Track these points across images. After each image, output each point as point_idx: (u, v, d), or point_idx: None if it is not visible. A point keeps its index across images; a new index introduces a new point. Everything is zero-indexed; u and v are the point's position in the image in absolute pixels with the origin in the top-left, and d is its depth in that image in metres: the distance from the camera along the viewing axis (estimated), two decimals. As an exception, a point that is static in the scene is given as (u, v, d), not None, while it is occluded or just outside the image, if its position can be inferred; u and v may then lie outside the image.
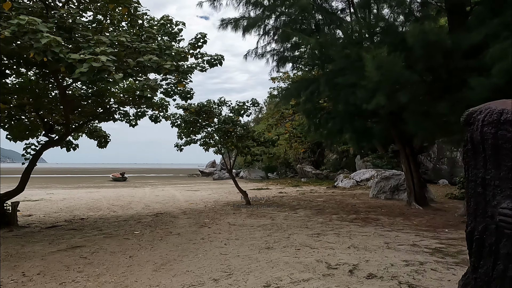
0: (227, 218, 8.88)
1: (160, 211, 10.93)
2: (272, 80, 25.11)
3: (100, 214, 10.77)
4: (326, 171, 29.56)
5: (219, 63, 6.68)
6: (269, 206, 11.77)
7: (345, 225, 7.75)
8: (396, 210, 10.41)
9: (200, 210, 10.90)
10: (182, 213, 10.24)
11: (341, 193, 16.08)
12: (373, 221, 8.49)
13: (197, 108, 10.81)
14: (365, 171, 21.65)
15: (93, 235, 6.79)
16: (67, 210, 11.79)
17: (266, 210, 10.53)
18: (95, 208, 12.27)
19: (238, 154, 12.23)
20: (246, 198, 12.09)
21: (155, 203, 13.62)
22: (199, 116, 11.05)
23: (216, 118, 11.59)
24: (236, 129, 11.41)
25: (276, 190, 19.15)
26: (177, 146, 12.50)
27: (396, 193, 13.55)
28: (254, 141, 11.83)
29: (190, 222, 8.18)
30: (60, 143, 8.63)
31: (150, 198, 16.06)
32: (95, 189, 23.52)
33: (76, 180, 41.01)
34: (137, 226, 7.80)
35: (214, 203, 13.05)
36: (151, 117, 10.42)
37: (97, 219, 9.31)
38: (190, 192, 19.30)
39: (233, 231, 7.00)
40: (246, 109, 11.49)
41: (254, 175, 34.04)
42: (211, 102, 11.19)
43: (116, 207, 12.44)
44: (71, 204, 13.74)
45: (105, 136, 10.76)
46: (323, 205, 11.82)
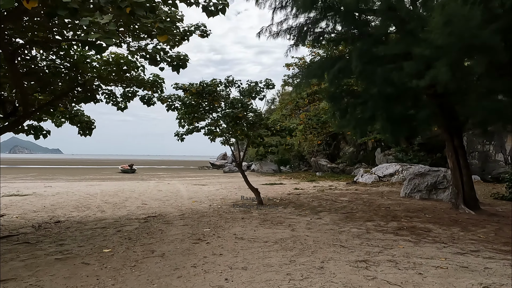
0: (233, 226, 6.79)
1: (154, 212, 8.92)
2: (287, 66, 22.82)
3: (83, 215, 8.82)
4: (342, 165, 27.29)
5: (222, 10, 4.60)
6: (285, 207, 9.67)
7: (391, 241, 5.58)
8: (443, 216, 8.19)
9: (203, 211, 8.85)
10: (179, 216, 8.20)
11: (365, 191, 13.86)
12: (424, 233, 6.30)
13: (199, 89, 8.70)
14: (388, 165, 19.32)
15: (44, 255, 4.79)
16: (50, 209, 9.90)
17: (282, 213, 8.43)
18: (83, 207, 10.36)
19: (249, 145, 10.13)
20: (258, 197, 9.99)
21: (154, 201, 11.64)
22: (202, 99, 8.95)
23: (222, 102, 9.48)
24: (247, 114, 9.30)
25: (290, 186, 17.02)
26: (177, 135, 10.45)
27: (434, 193, 11.28)
28: (268, 129, 9.71)
29: (184, 233, 6.10)
30: (13, 128, 6.59)
31: (151, 193, 14.11)
32: (98, 182, 21.77)
33: (85, 171, 39.55)
34: (113, 238, 5.75)
35: (220, 202, 11.01)
36: (142, 98, 8.37)
37: (73, 224, 7.34)
38: (196, 187, 17.29)
39: (240, 250, 4.90)
40: (259, 90, 9.34)
41: (266, 168, 31.96)
42: (217, 82, 9.07)
43: (107, 206, 10.49)
44: (60, 200, 11.88)
45: (88, 122, 8.76)
46: (349, 206, 9.64)
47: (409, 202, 10.47)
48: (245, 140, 10.04)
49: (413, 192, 11.65)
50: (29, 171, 37.88)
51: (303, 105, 24.69)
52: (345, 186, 16.72)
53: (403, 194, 11.92)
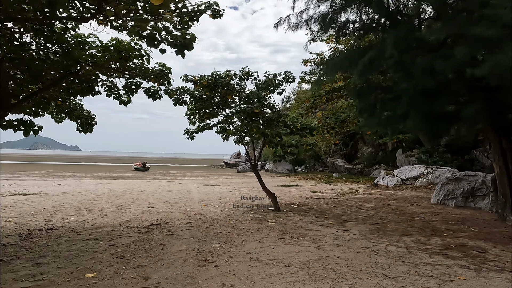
0: (247, 240, 5.70)
1: (160, 218, 7.92)
2: (304, 63, 21.63)
3: (82, 220, 7.88)
4: (360, 166, 25.96)
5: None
6: (305, 214, 8.54)
7: (445, 267, 4.40)
8: (491, 230, 6.93)
9: (213, 219, 7.79)
10: (186, 224, 7.16)
11: (390, 195, 12.60)
12: (480, 254, 5.10)
13: (211, 81, 7.64)
14: (411, 167, 17.94)
15: (12, 279, 3.79)
16: (49, 212, 9.03)
17: (303, 223, 7.31)
18: (85, 209, 9.45)
19: (265, 144, 9.03)
20: (276, 203, 8.89)
21: (162, 203, 10.66)
22: (214, 92, 7.89)
23: (236, 97, 8.40)
24: (264, 110, 8.20)
25: (307, 188, 15.86)
26: (187, 133, 9.43)
27: (471, 200, 9.97)
28: (287, 127, 8.60)
29: (189, 250, 5.05)
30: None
31: (160, 194, 13.16)
32: (109, 180, 21.03)
33: (99, 169, 39.14)
34: (103, 256, 4.73)
35: (233, 206, 9.95)
36: (147, 91, 7.37)
37: (66, 232, 6.38)
38: (208, 187, 16.29)
39: (256, 279, 3.79)
40: (277, 83, 8.22)
41: (280, 168, 30.82)
42: (231, 74, 7.98)
43: (111, 209, 9.55)
44: (64, 201, 11.03)
45: (88, 117, 7.81)
46: (378, 215, 8.45)
47: (445, 211, 9.21)
48: (261, 139, 8.94)
49: (446, 199, 10.35)
50: (44, 168, 37.66)
51: (320, 103, 23.44)
52: (366, 189, 15.47)
53: (435, 201, 10.63)
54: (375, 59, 7.60)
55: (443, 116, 7.91)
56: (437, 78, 6.71)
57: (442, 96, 7.75)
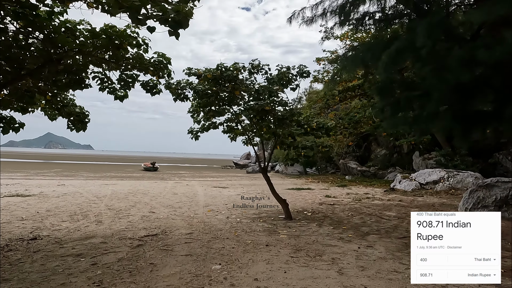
0: (254, 259, 4.77)
1: (158, 227, 7.06)
2: (318, 61, 20.65)
3: (73, 227, 7.07)
4: (373, 169, 24.80)
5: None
6: (320, 223, 7.59)
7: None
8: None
9: (217, 229, 6.89)
10: (186, 235, 6.27)
11: (411, 202, 11.53)
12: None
13: (216, 74, 6.74)
14: (431, 171, 16.79)
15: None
16: (42, 216, 8.27)
17: (318, 236, 6.35)
18: (80, 214, 8.66)
19: (276, 145, 8.10)
20: (287, 211, 7.96)
21: (164, 208, 9.82)
22: (220, 87, 6.98)
23: (245, 93, 7.48)
24: (275, 107, 7.28)
25: (320, 192, 14.86)
26: (191, 133, 8.55)
27: (505, 209, 8.86)
28: (300, 127, 7.66)
29: (183, 273, 4.13)
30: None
31: (164, 197, 12.34)
32: (115, 181, 20.35)
33: (108, 168, 38.68)
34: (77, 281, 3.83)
35: (241, 212, 9.05)
36: (145, 85, 6.52)
37: (48, 244, 5.55)
38: (216, 190, 15.42)
39: (265, 322, 2.90)
40: (290, 78, 7.28)
41: (291, 170, 29.81)
42: (239, 66, 7.07)
43: (108, 214, 8.74)
44: (61, 204, 10.28)
45: (80, 113, 6.98)
46: (403, 227, 7.44)
47: (476, 222, 8.13)
48: (271, 139, 8.01)
49: (476, 207, 9.27)
50: (54, 167, 37.36)
51: (333, 103, 22.42)
52: (383, 194, 14.41)
53: (463, 209, 9.55)
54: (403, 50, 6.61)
55: (479, 115, 6.88)
56: (475, 71, 5.73)
57: (479, 93, 6.74)
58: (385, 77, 8.08)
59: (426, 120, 7.62)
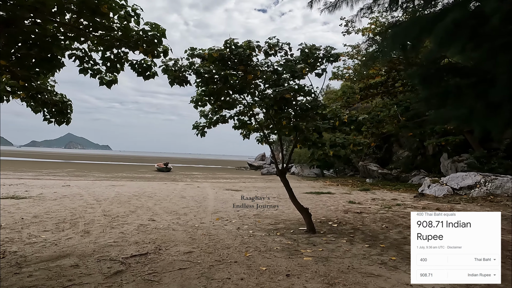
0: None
1: (153, 241, 5.68)
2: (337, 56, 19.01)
3: (53, 239, 5.77)
4: (396, 171, 23.00)
5: None
6: (351, 239, 6.08)
7: None
8: None
9: (224, 245, 5.48)
10: (184, 256, 4.88)
11: (450, 210, 9.87)
12: None
13: (224, 53, 5.33)
14: (465, 175, 14.97)
15: None
16: (25, 224, 7.03)
17: (352, 257, 4.87)
18: (70, 221, 7.39)
19: (297, 144, 6.61)
20: (310, 222, 6.47)
21: (167, 215, 8.48)
22: (229, 70, 5.56)
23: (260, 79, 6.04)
24: (297, 96, 5.82)
25: (342, 197, 13.28)
26: (196, 128, 7.18)
27: None
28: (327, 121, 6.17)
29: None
30: None
31: (170, 202, 11.00)
32: (124, 182, 19.20)
33: (122, 168, 37.83)
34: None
35: (253, 222, 7.62)
36: (134, 66, 5.17)
37: (6, 266, 4.25)
38: (228, 193, 14.01)
39: None
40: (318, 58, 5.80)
41: (307, 172, 28.23)
42: (253, 45, 5.63)
43: (102, 221, 7.44)
44: (54, 208, 9.06)
45: (59, 103, 5.67)
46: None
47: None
48: (292, 135, 6.52)
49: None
50: (69, 166, 36.73)
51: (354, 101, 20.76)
52: (414, 200, 12.75)
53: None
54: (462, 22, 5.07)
55: None
56: None
57: None
58: (431, 61, 6.50)
59: (489, 113, 5.99)
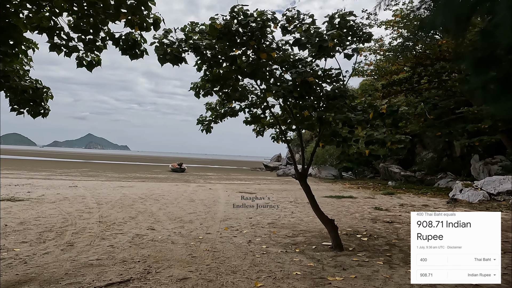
0: None
1: (143, 260, 4.56)
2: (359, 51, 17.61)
3: (27, 254, 4.73)
4: (420, 174, 21.36)
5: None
6: (388, 259, 4.81)
7: None
8: None
9: (229, 267, 4.30)
10: (177, 282, 3.74)
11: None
12: None
13: (230, 24, 4.16)
14: (502, 179, 13.39)
15: None
16: (6, 232, 6.06)
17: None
18: (57, 230, 6.37)
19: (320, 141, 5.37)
20: (336, 237, 5.21)
21: (170, 222, 7.37)
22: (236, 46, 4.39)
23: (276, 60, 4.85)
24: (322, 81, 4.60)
25: (365, 202, 11.92)
26: (201, 123, 6.05)
27: None
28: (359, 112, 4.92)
29: None
30: None
31: (178, 206, 9.92)
32: (135, 182, 18.30)
33: (136, 168, 37.20)
34: None
35: (268, 233, 6.43)
36: (118, 41, 4.06)
37: None
38: (241, 196, 12.85)
39: None
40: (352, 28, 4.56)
41: (324, 174, 26.80)
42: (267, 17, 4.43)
43: (93, 230, 6.39)
44: (48, 212, 8.11)
45: (30, 89, 4.61)
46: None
47: None
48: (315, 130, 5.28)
49: None
50: (84, 166, 36.35)
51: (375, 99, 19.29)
52: (447, 206, 11.29)
53: None
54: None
55: None
56: None
57: None
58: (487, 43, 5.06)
59: None
